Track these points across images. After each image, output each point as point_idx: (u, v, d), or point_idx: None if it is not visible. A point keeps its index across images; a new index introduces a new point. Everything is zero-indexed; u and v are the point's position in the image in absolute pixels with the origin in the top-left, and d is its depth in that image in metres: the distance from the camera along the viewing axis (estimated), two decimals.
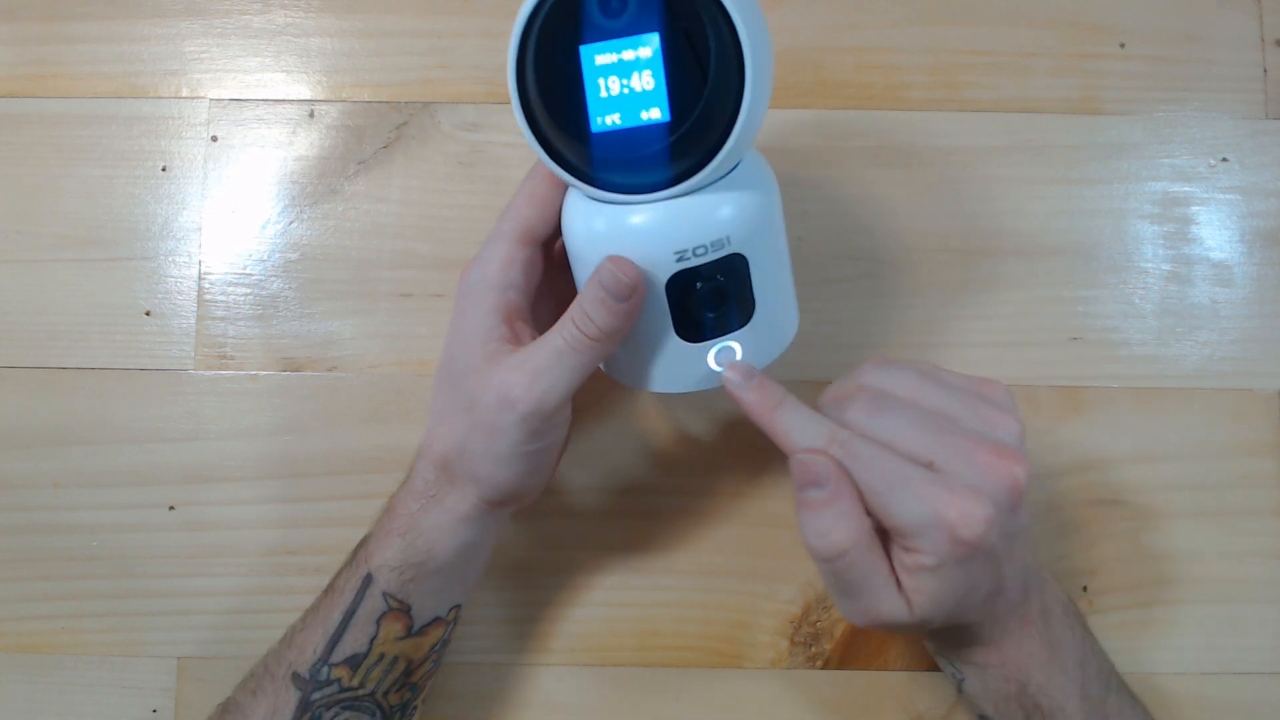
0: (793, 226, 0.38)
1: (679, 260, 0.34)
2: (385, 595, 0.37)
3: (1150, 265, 0.47)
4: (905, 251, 0.47)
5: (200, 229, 0.47)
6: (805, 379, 0.46)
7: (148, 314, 0.47)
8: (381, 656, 0.37)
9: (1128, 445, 0.46)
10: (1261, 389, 0.46)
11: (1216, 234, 0.47)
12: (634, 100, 0.31)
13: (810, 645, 0.45)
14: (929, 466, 0.33)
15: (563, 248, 0.40)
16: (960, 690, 0.39)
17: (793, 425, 0.34)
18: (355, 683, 0.37)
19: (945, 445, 0.33)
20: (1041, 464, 0.46)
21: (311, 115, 0.48)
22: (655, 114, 0.31)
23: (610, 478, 0.46)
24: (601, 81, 0.31)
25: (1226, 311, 0.47)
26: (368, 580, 0.37)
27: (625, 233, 0.34)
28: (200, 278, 0.47)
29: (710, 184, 0.33)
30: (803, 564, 0.45)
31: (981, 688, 0.37)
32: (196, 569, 0.45)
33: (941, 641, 0.38)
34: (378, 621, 0.37)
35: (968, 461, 0.32)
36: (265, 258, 0.47)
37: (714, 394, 0.38)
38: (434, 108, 0.48)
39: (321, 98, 0.48)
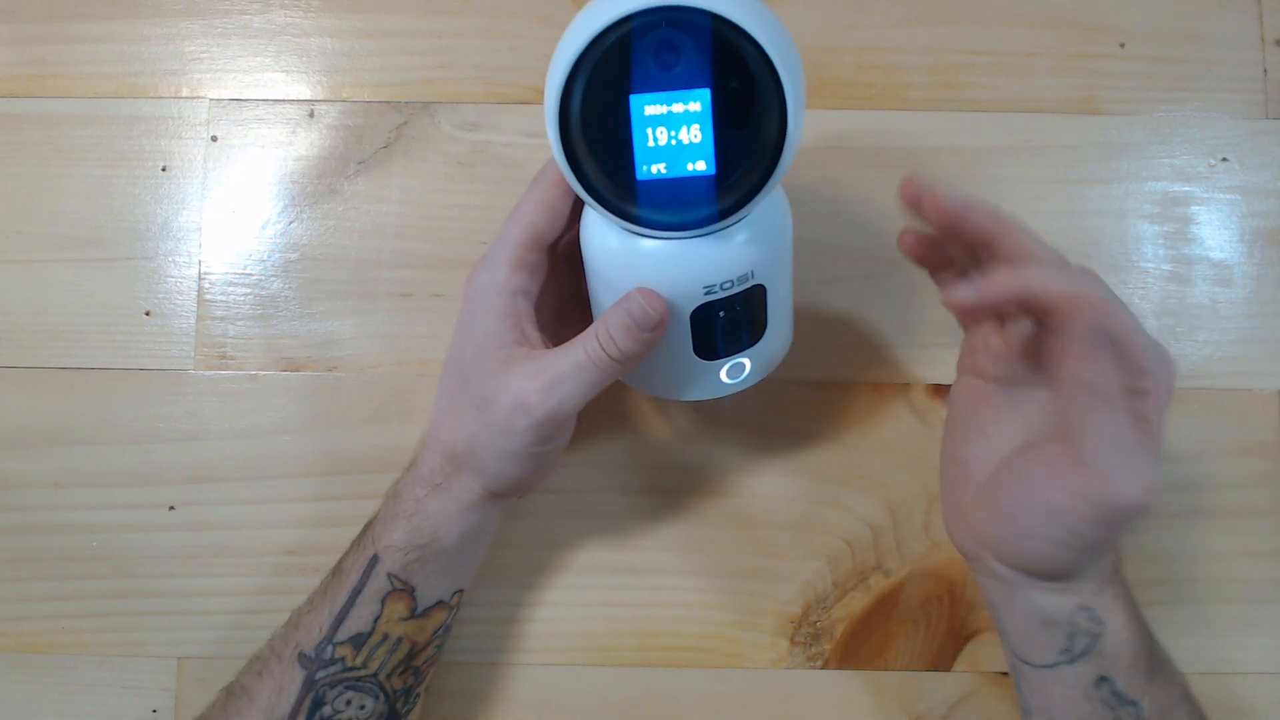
0: (793, 227, 0.38)
1: (706, 294, 0.35)
2: (390, 576, 0.38)
3: (1150, 265, 0.47)
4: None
5: (200, 229, 0.47)
6: (805, 379, 0.46)
7: (148, 314, 0.47)
8: (385, 637, 0.38)
9: None
10: (1261, 389, 0.46)
11: (1216, 234, 0.47)
12: (681, 152, 0.31)
13: (810, 645, 0.45)
14: None
15: (565, 246, 0.40)
16: (1085, 653, 0.36)
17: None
18: (358, 662, 0.38)
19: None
20: None
21: (311, 115, 0.48)
22: (701, 166, 0.31)
23: (610, 478, 0.46)
24: (650, 131, 0.31)
25: (1226, 311, 0.47)
26: (374, 561, 0.38)
27: (655, 264, 0.35)
28: (200, 278, 0.47)
29: (741, 221, 0.34)
30: (802, 564, 0.45)
31: (1124, 635, 0.35)
32: (196, 569, 0.45)
33: (1093, 587, 0.36)
34: (382, 601, 0.38)
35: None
36: (265, 258, 0.47)
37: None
38: (434, 108, 0.48)
39: (321, 98, 0.48)
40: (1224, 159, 0.48)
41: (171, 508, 0.46)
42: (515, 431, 0.36)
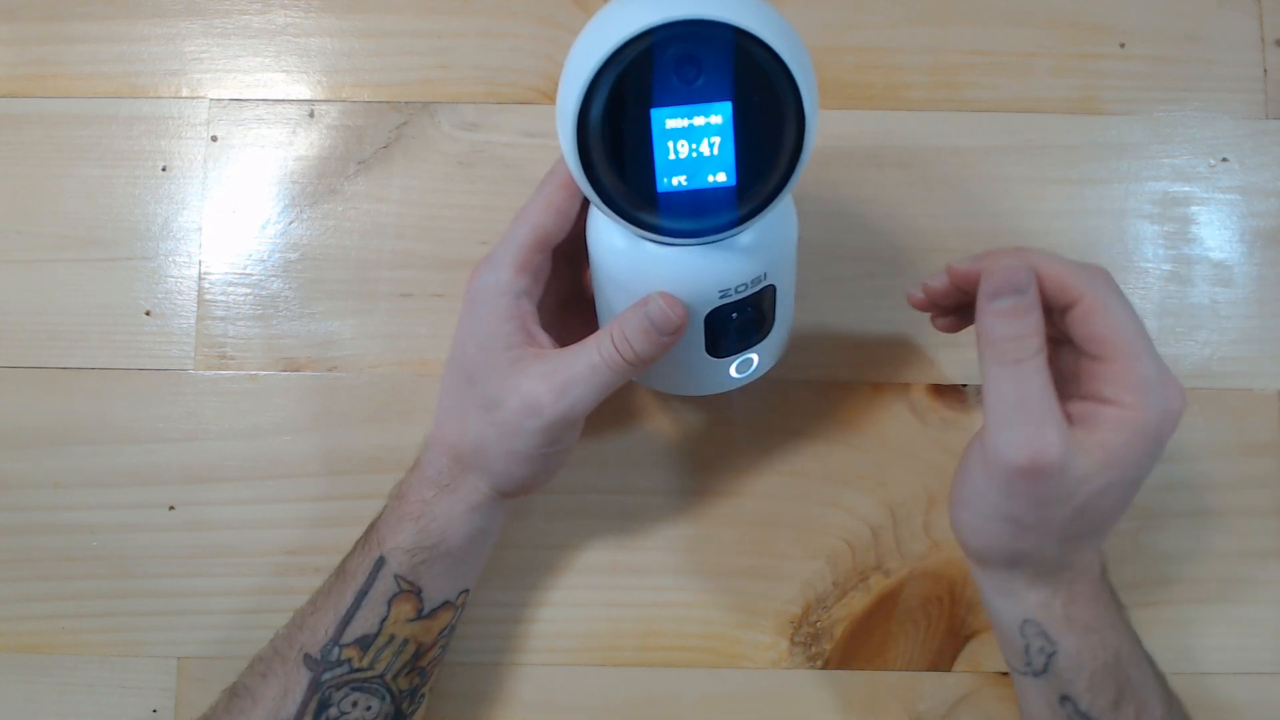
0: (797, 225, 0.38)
1: (722, 297, 0.35)
2: (397, 577, 0.38)
3: (1150, 265, 0.47)
4: (905, 251, 0.47)
5: (200, 229, 0.47)
6: (805, 379, 0.46)
7: (148, 314, 0.47)
8: (392, 638, 0.38)
9: None
10: (1261, 389, 0.46)
11: (1216, 234, 0.47)
12: (701, 164, 0.31)
13: (810, 645, 0.45)
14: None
15: (565, 244, 0.40)
16: (1045, 669, 0.36)
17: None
18: (365, 663, 0.38)
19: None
20: None
21: (311, 115, 0.48)
22: (721, 178, 0.31)
23: (611, 478, 0.46)
24: (670, 144, 0.31)
25: (1226, 311, 0.47)
26: (380, 563, 0.38)
27: (671, 269, 0.35)
28: (200, 278, 0.47)
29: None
30: (802, 564, 0.45)
31: (1077, 659, 0.35)
32: (196, 569, 0.45)
33: (1043, 596, 0.35)
34: (389, 603, 0.38)
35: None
36: (265, 258, 0.47)
37: (717, 395, 0.40)
38: (434, 108, 0.48)
39: (321, 98, 0.48)
40: (1224, 159, 0.48)
41: (171, 508, 0.46)
42: (525, 432, 0.36)
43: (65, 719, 0.45)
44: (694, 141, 0.31)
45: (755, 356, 0.40)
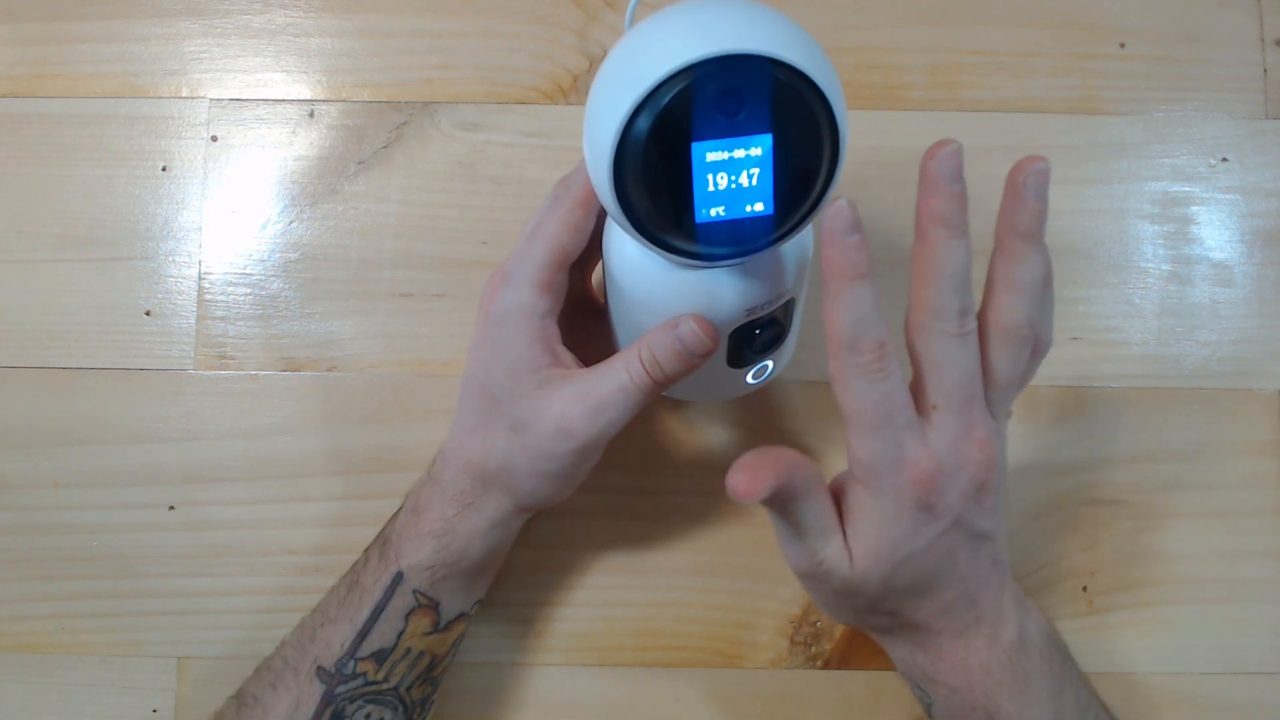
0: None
1: (748, 314, 0.35)
2: (416, 593, 0.38)
3: (1150, 265, 0.47)
4: (905, 252, 0.46)
5: (200, 229, 0.47)
6: (804, 379, 0.46)
7: (148, 314, 0.47)
8: (408, 651, 0.38)
9: (1128, 445, 0.46)
10: (1261, 389, 0.46)
11: (1216, 234, 0.47)
12: (740, 194, 0.31)
13: (810, 645, 0.45)
14: (930, 410, 0.33)
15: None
16: (929, 715, 0.38)
17: (850, 308, 0.33)
18: (380, 677, 0.38)
19: (957, 412, 0.33)
20: (1041, 464, 0.46)
21: (311, 115, 0.48)
22: (759, 207, 0.31)
23: (611, 478, 0.46)
24: (710, 177, 0.30)
25: (1226, 311, 0.47)
26: (398, 578, 0.38)
27: (700, 290, 0.35)
28: (200, 278, 0.47)
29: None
30: None
31: (948, 714, 0.36)
32: (196, 569, 0.45)
33: (905, 652, 0.37)
34: (406, 617, 0.38)
35: (958, 438, 0.33)
36: (265, 258, 0.47)
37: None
38: (434, 108, 0.48)
39: (321, 98, 0.48)
40: (1224, 159, 0.48)
41: (172, 508, 0.46)
42: (557, 455, 0.36)
43: (65, 719, 0.45)
44: (733, 173, 0.30)
45: (770, 363, 0.40)
